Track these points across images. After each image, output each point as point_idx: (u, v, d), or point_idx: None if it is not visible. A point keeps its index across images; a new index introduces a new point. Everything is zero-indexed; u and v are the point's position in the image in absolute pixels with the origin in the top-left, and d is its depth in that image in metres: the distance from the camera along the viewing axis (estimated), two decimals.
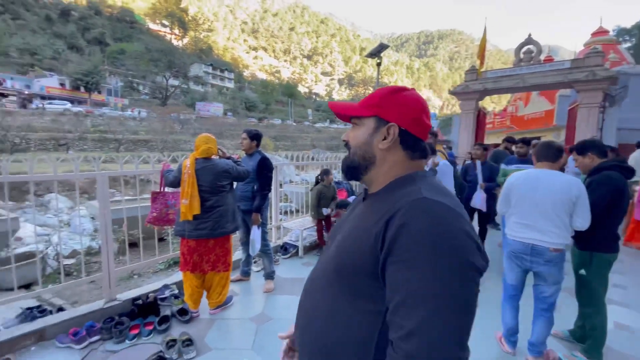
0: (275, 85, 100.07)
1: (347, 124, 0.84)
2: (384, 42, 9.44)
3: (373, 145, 0.75)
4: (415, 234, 0.59)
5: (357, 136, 0.78)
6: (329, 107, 0.83)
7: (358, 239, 0.69)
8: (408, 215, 0.61)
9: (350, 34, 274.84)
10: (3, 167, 2.19)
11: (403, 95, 0.75)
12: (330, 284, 0.74)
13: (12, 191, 12.27)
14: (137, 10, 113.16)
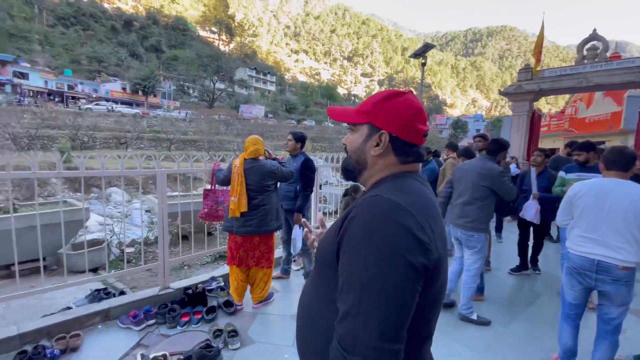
0: (315, 88, 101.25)
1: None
2: (428, 41, 9.19)
3: (366, 150, 0.79)
4: (357, 225, 0.66)
5: (352, 141, 0.82)
6: (327, 113, 0.87)
7: (329, 235, 0.77)
8: (358, 209, 0.68)
9: (392, 34, 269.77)
10: (80, 164, 2.47)
11: (395, 102, 0.76)
12: (313, 280, 0.83)
13: (80, 184, 13.75)
14: (190, 19, 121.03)
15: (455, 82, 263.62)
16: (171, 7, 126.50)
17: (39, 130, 20.65)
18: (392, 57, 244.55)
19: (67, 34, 65.64)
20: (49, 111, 26.25)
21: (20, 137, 19.07)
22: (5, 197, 12.20)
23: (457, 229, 2.87)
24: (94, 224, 5.68)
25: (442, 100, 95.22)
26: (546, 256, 4.40)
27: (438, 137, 50.94)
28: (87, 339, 2.36)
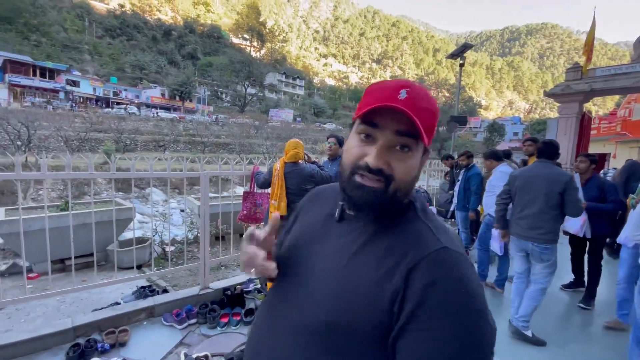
0: (343, 91, 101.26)
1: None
2: (461, 41, 8.76)
3: (417, 177, 0.60)
4: (445, 298, 0.48)
5: (411, 168, 0.56)
6: (404, 106, 0.53)
7: (363, 295, 0.53)
8: (436, 271, 0.50)
9: (423, 35, 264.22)
10: (132, 166, 2.58)
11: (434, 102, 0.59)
12: (308, 345, 0.55)
13: (122, 184, 14.65)
14: (223, 27, 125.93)
15: (491, 83, 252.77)
16: (207, 16, 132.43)
17: (87, 134, 22.29)
18: (422, 58, 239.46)
19: (113, 44, 70.71)
20: (97, 116, 28.31)
21: (72, 139, 20.68)
22: (58, 195, 13.24)
23: (527, 242, 2.64)
24: (135, 222, 6.00)
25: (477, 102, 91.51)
26: (612, 274, 4.00)
27: (472, 141, 48.92)
28: (133, 334, 2.45)
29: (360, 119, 0.56)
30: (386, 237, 0.57)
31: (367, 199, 0.55)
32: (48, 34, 57.82)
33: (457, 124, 8.70)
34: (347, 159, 0.58)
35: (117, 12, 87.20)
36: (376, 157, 0.54)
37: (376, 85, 0.58)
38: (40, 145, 17.92)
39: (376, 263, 0.55)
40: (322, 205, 0.72)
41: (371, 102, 0.54)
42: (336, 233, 0.63)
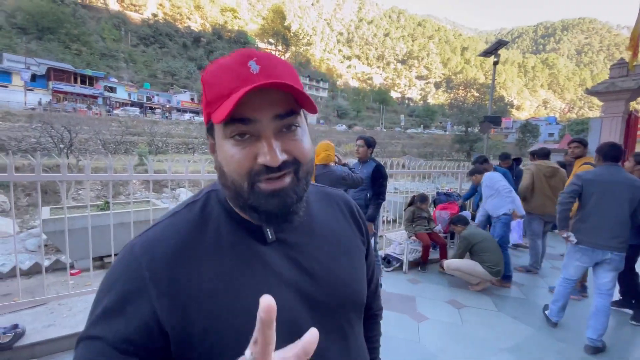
0: (367, 92, 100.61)
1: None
2: (491, 38, 8.38)
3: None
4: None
5: (307, 142, 0.50)
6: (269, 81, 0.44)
7: (356, 256, 0.62)
8: (355, 205, 0.69)
9: (450, 34, 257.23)
10: (168, 168, 2.65)
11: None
12: (354, 325, 0.59)
13: (155, 185, 15.31)
14: (250, 32, 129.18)
15: (523, 81, 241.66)
16: (234, 22, 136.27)
17: (123, 137, 23.51)
18: (450, 58, 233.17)
19: (146, 52, 74.49)
20: (132, 120, 29.83)
21: (109, 142, 21.88)
22: (96, 195, 14.02)
23: (606, 252, 2.48)
24: None
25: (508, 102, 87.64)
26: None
27: (503, 143, 46.86)
28: None
29: (223, 121, 0.44)
30: (318, 211, 0.61)
31: (289, 200, 0.48)
32: (88, 43, 61.84)
33: (491, 125, 8.31)
34: (235, 171, 0.46)
35: (151, 21, 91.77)
36: (272, 152, 0.45)
37: (213, 69, 0.47)
38: (80, 148, 19.08)
39: (342, 230, 0.62)
40: (205, 257, 0.49)
41: (224, 92, 0.44)
42: (284, 252, 0.53)
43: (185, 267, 0.47)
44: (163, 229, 0.51)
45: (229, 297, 0.48)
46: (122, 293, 0.46)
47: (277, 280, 0.51)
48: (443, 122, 77.10)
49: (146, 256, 0.47)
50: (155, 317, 0.45)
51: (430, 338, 2.63)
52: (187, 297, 0.46)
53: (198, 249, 0.49)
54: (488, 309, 3.16)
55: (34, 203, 11.14)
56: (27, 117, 24.03)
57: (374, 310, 0.75)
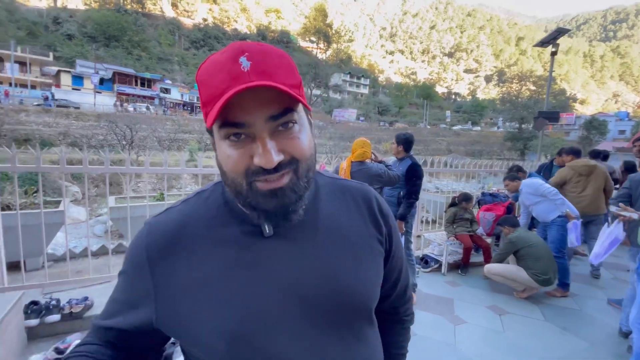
0: (410, 88, 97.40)
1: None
2: (552, 26, 7.64)
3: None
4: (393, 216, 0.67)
5: (306, 138, 0.49)
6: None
7: (365, 255, 0.57)
8: (384, 204, 0.65)
9: (503, 23, 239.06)
10: (199, 163, 2.85)
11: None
12: (356, 326, 0.57)
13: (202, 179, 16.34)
14: (292, 31, 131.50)
15: (589, 73, 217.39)
16: (277, 23, 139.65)
17: (176, 135, 25.35)
18: (502, 49, 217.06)
19: (197, 55, 79.20)
20: (184, 119, 32.02)
21: (164, 140, 23.73)
22: (152, 187, 15.31)
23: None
24: None
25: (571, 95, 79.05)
26: None
27: (564, 140, 42.57)
28: None
29: (217, 124, 0.45)
30: (326, 205, 0.57)
31: (288, 199, 0.47)
32: (147, 49, 67.37)
33: (546, 121, 7.63)
34: (233, 170, 0.46)
35: (201, 25, 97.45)
36: (266, 154, 0.44)
37: (207, 66, 0.45)
38: (139, 145, 20.95)
39: (353, 228, 0.58)
40: (199, 245, 0.51)
41: (217, 92, 0.43)
42: (282, 246, 0.52)
43: (178, 253, 0.50)
44: (170, 214, 0.54)
45: (212, 287, 0.49)
46: (128, 265, 0.54)
47: (267, 275, 0.50)
48: (494, 119, 72.12)
49: (148, 238, 0.52)
50: (148, 291, 0.50)
51: (468, 342, 2.55)
52: (174, 281, 0.49)
53: (195, 237, 0.51)
54: (534, 318, 2.97)
55: (101, 194, 12.48)
56: (96, 116, 26.89)
57: (400, 315, 0.72)
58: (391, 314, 0.71)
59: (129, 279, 0.53)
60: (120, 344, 0.54)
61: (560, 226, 3.37)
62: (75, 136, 21.33)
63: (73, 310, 2.31)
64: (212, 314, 0.48)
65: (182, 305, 0.49)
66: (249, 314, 0.48)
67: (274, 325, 0.48)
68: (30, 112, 24.65)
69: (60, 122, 24.36)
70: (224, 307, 0.48)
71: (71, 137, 21.49)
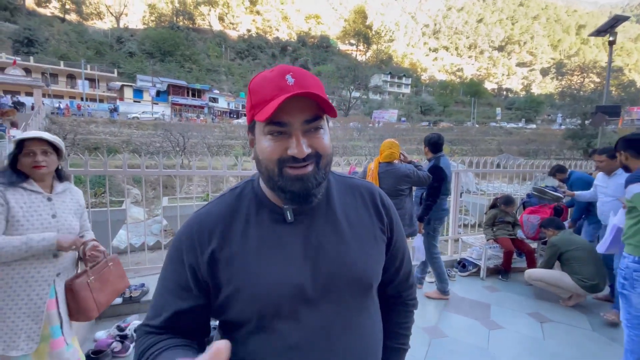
0: (456, 85, 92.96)
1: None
2: (617, 11, 6.90)
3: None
4: (395, 211, 0.79)
5: (328, 141, 0.63)
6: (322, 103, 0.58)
7: (369, 243, 0.69)
8: (386, 198, 0.77)
9: (561, 11, 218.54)
10: (253, 166, 3.09)
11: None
12: (360, 303, 0.69)
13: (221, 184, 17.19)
14: (332, 35, 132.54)
15: None
16: (317, 28, 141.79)
17: (223, 141, 26.91)
18: (561, 39, 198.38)
19: (242, 65, 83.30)
20: (230, 126, 33.87)
21: (212, 146, 25.34)
22: (202, 190, 16.44)
23: None
24: None
25: None
26: None
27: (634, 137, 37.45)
28: None
29: (265, 121, 0.56)
30: (338, 199, 0.70)
31: (310, 184, 0.59)
32: (197, 62, 72.30)
33: (605, 116, 6.92)
34: (269, 158, 0.59)
35: (245, 36, 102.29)
36: (300, 145, 0.57)
37: (258, 80, 0.59)
38: (191, 151, 22.60)
39: (359, 218, 0.70)
40: (235, 229, 0.64)
41: (266, 98, 0.56)
42: (300, 231, 0.64)
43: (220, 234, 0.63)
44: (210, 206, 0.68)
45: (247, 261, 0.61)
46: (180, 247, 0.64)
47: (291, 252, 0.62)
48: (551, 115, 66.02)
49: (196, 225, 0.64)
50: (199, 266, 0.61)
51: (501, 347, 2.47)
52: (217, 255, 0.61)
53: (232, 223, 0.64)
54: (580, 327, 2.77)
55: (157, 196, 13.71)
56: (153, 125, 29.52)
57: (404, 298, 0.83)
58: (396, 298, 0.82)
59: (178, 261, 0.63)
60: (180, 325, 0.63)
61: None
62: (136, 144, 23.65)
63: (132, 295, 2.66)
64: (245, 280, 0.60)
65: (224, 275, 0.61)
66: (278, 283, 0.61)
67: (297, 293, 0.61)
68: (98, 123, 27.82)
69: (124, 132, 27.16)
70: (255, 276, 0.60)
71: (132, 145, 23.85)
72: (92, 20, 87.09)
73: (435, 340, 2.52)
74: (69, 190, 1.62)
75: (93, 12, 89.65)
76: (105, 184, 2.87)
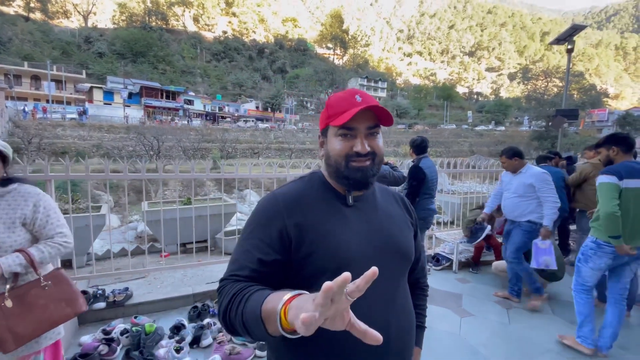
0: (430, 89, 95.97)
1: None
2: (580, 19, 7.53)
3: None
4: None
5: (381, 144, 0.83)
6: (385, 121, 0.82)
7: (403, 232, 0.90)
8: (402, 197, 1.01)
9: (527, 18, 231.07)
10: (236, 169, 3.16)
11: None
12: (402, 275, 0.89)
13: (225, 186, 16.94)
14: (309, 39, 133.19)
15: (622, 66, 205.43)
16: (294, 31, 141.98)
17: (199, 144, 26.38)
18: (527, 45, 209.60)
19: (218, 67, 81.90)
20: (207, 129, 33.23)
21: (188, 149, 24.76)
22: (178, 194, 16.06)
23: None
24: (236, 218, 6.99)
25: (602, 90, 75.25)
26: None
27: (595, 138, 40.36)
28: None
29: (337, 127, 0.78)
30: (380, 197, 0.92)
31: (368, 174, 0.80)
32: (171, 63, 70.40)
33: (564, 119, 7.51)
34: (339, 154, 0.79)
35: (221, 38, 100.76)
36: (363, 145, 0.78)
37: (334, 98, 0.82)
38: (166, 154, 22.00)
39: (396, 212, 0.93)
40: (311, 205, 0.83)
41: (340, 111, 0.78)
42: (358, 212, 0.85)
43: (301, 207, 0.81)
44: (289, 188, 0.86)
45: (323, 230, 0.79)
46: (268, 214, 0.80)
47: (354, 227, 0.82)
48: (519, 118, 69.61)
49: (281, 196, 0.83)
50: (286, 229, 0.78)
51: (472, 332, 2.68)
52: (302, 222, 0.79)
53: (308, 200, 0.83)
54: (542, 312, 3.04)
55: (131, 202, 13.26)
56: (126, 129, 28.47)
57: (421, 284, 1.05)
58: (416, 284, 1.03)
59: (267, 225, 0.79)
60: (262, 278, 0.75)
61: (527, 232, 3.05)
62: (107, 148, 22.72)
63: (116, 299, 2.66)
64: (321, 245, 0.77)
65: (306, 238, 0.78)
66: (347, 245, 0.79)
67: (361, 255, 0.79)
68: (66, 126, 26.49)
69: (94, 135, 26.02)
70: (329, 243, 0.78)
71: (103, 149, 22.90)
72: (58, 19, 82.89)
73: None
74: (8, 195, 1.38)
75: (59, 10, 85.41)
76: (68, 189, 2.80)
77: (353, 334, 0.51)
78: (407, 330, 0.85)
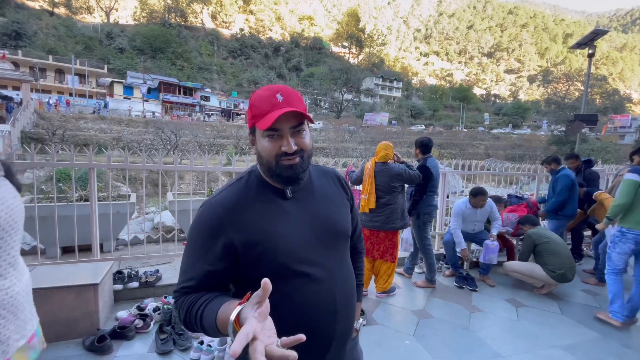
0: (446, 90, 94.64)
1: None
2: (604, 21, 7.38)
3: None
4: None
5: (309, 140, 0.86)
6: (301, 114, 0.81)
7: (341, 211, 0.98)
8: (340, 175, 1.07)
9: (549, 20, 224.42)
10: (247, 164, 3.35)
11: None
12: (344, 248, 0.98)
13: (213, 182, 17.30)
14: (325, 38, 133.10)
15: None
16: (310, 30, 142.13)
17: (215, 140, 26.90)
18: (548, 47, 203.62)
19: (234, 64, 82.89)
20: (222, 125, 33.80)
21: (204, 145, 25.30)
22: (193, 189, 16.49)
23: None
24: None
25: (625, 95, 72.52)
26: None
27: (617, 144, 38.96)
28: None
29: (263, 130, 0.79)
30: (316, 180, 0.97)
31: (298, 171, 0.83)
32: (188, 59, 71.62)
33: (583, 124, 7.41)
34: (269, 154, 0.82)
35: (238, 35, 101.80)
36: (289, 145, 0.80)
37: (256, 97, 0.82)
38: (183, 149, 22.55)
39: (332, 192, 0.98)
40: (250, 206, 0.86)
41: (262, 112, 0.79)
42: (297, 203, 0.89)
43: (240, 211, 0.83)
44: (227, 193, 0.87)
45: (266, 227, 0.83)
46: (211, 227, 0.82)
47: (294, 219, 0.87)
48: (538, 121, 67.93)
49: (220, 206, 0.84)
50: (231, 241, 0.81)
51: (481, 327, 2.79)
52: (244, 226, 0.82)
53: (247, 204, 0.85)
54: (550, 311, 3.12)
55: (148, 194, 13.71)
56: (144, 123, 29.26)
57: (358, 248, 1.17)
58: (354, 248, 1.13)
59: (209, 238, 0.82)
60: (211, 285, 0.82)
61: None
62: (126, 141, 23.45)
63: (148, 280, 2.89)
64: (269, 240, 0.82)
65: (252, 239, 0.82)
66: (291, 238, 0.84)
67: (304, 244, 0.86)
68: (88, 119, 27.44)
69: (114, 128, 26.86)
70: (274, 237, 0.82)
71: (123, 142, 23.66)
72: (81, 15, 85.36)
73: (422, 321, 2.82)
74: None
75: (82, 6, 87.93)
76: (109, 179, 3.06)
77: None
78: (350, 293, 0.95)
